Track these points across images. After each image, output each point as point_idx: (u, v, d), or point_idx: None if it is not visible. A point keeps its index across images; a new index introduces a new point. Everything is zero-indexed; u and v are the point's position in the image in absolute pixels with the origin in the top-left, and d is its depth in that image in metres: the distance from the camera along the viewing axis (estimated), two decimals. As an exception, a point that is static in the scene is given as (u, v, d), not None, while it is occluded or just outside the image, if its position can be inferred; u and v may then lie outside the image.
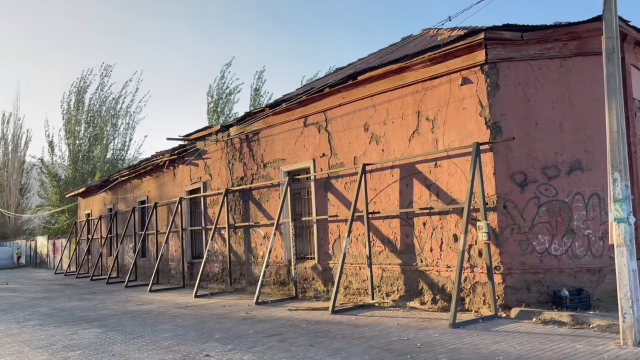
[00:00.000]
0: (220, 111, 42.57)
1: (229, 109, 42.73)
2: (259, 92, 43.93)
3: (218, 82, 42.54)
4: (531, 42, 8.70)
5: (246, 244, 14.17)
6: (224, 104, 42.72)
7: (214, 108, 42.56)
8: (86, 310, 12.38)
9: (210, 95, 42.77)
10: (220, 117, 42.53)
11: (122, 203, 22.57)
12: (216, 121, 42.41)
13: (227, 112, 42.63)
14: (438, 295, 9.40)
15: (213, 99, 42.59)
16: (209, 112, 42.86)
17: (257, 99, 44.00)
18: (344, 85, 11.18)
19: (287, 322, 9.00)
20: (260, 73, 48.36)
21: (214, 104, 42.52)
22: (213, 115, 42.57)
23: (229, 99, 42.68)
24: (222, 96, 42.43)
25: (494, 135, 8.70)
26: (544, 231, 8.52)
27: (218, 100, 42.45)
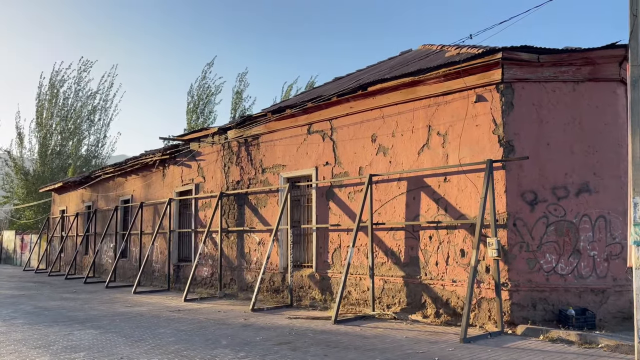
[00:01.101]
0: (200, 112, 42.00)
1: (209, 110, 42.20)
2: (240, 95, 43.59)
3: (199, 82, 41.97)
4: (546, 64, 8.90)
5: (239, 248, 13.98)
6: (204, 105, 42.16)
7: (194, 108, 41.96)
8: (73, 310, 11.96)
9: (191, 95, 42.16)
10: (200, 117, 41.98)
11: (103, 201, 22.00)
12: (195, 122, 41.85)
13: (207, 113, 42.09)
14: (442, 309, 9.44)
15: (193, 99, 41.97)
16: (189, 113, 42.22)
17: (239, 102, 43.66)
18: (353, 95, 11.20)
19: (291, 331, 8.88)
20: (242, 75, 47.66)
21: (193, 104, 41.91)
22: (192, 116, 41.97)
23: (210, 99, 42.15)
24: (203, 97, 41.86)
25: (507, 154, 8.83)
26: (552, 250, 8.67)
27: (198, 101, 41.84)
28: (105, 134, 43.99)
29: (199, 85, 41.92)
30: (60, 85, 41.33)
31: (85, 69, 42.10)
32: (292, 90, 45.45)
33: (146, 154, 18.29)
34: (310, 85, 45.93)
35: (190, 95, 41.96)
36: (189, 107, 41.93)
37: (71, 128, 41.68)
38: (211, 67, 47.48)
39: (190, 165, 16.14)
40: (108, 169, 20.56)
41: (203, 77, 42.16)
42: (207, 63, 47.23)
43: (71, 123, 41.61)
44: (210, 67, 45.86)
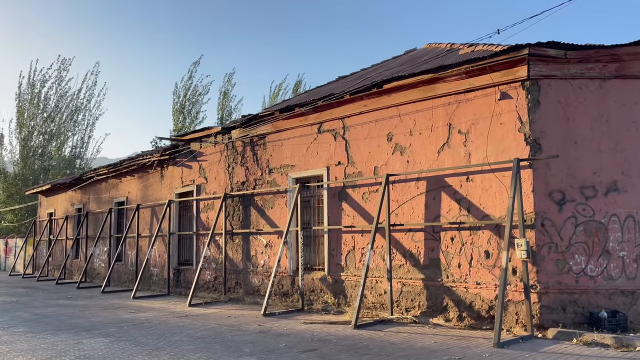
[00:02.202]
0: (187, 112, 41.26)
1: (197, 111, 41.46)
2: (227, 95, 42.96)
3: (185, 82, 41.13)
4: (573, 61, 8.70)
5: (244, 251, 13.56)
6: (191, 105, 41.40)
7: (180, 109, 41.18)
8: (73, 317, 11.43)
9: (177, 95, 41.33)
10: (187, 118, 41.26)
11: (95, 203, 21.36)
12: (182, 123, 41.10)
13: (194, 114, 41.35)
14: (465, 312, 9.17)
15: (180, 99, 41.14)
16: (175, 113, 41.43)
17: (226, 102, 43.02)
18: (367, 93, 10.89)
19: (313, 337, 8.53)
20: (229, 75, 46.57)
21: (180, 105, 41.09)
22: (179, 117, 41.22)
23: (197, 99, 41.40)
24: (190, 97, 41.08)
25: (534, 152, 8.60)
26: (581, 251, 8.45)
27: (185, 101, 41.05)
28: (90, 135, 43.11)
29: (185, 84, 41.15)
30: (42, 85, 40.27)
31: (64, 67, 41.05)
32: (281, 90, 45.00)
33: (143, 154, 17.75)
34: (298, 84, 45.51)
35: (177, 95, 41.10)
36: (175, 107, 41.10)
37: (54, 129, 40.69)
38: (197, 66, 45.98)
39: (191, 166, 15.68)
40: (101, 170, 19.94)
41: (189, 76, 41.38)
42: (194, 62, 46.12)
43: (54, 124, 40.60)
44: (197, 67, 44.76)
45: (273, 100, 44.43)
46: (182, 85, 41.05)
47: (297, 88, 45.02)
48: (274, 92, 45.29)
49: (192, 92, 41.10)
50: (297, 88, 45.02)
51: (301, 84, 45.40)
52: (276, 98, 44.65)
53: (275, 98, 44.75)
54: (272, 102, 44.00)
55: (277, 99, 44.26)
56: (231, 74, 45.86)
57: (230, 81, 43.48)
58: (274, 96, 45.12)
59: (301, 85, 45.38)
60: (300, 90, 44.30)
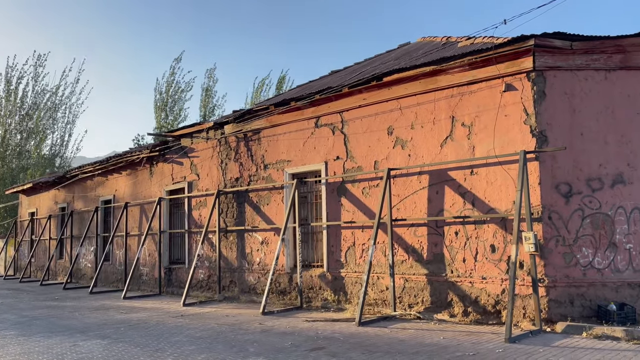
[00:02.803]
0: (169, 110, 40.59)
1: (180, 108, 40.78)
2: (210, 91, 42.30)
3: (167, 78, 40.37)
4: (578, 52, 8.61)
5: (239, 249, 13.27)
6: (173, 102, 40.69)
7: (162, 106, 40.47)
8: (64, 318, 11.03)
9: (159, 92, 40.56)
10: (169, 115, 40.58)
11: (81, 202, 20.81)
12: (165, 120, 40.38)
13: (177, 111, 40.68)
14: (470, 307, 9.04)
15: (161, 95, 40.38)
16: (157, 110, 40.70)
17: (208, 99, 42.37)
18: (366, 86, 10.69)
19: (318, 335, 8.31)
20: (211, 71, 45.57)
21: (162, 102, 40.35)
22: (161, 114, 40.53)
23: (180, 96, 40.69)
24: (172, 93, 40.35)
25: (540, 144, 8.50)
26: (588, 244, 8.38)
27: (167, 98, 40.33)
28: (70, 132, 42.12)
29: (167, 81, 40.40)
30: (19, 82, 39.05)
31: (40, 63, 39.88)
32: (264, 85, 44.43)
33: (131, 151, 17.32)
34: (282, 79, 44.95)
35: (158, 92, 40.29)
36: (157, 104, 40.34)
37: (32, 127, 39.64)
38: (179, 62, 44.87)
39: (182, 162, 15.31)
40: (87, 167, 19.41)
41: (171, 72, 40.57)
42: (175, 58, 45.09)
43: (32, 122, 39.55)
44: (179, 63, 43.79)
45: (256, 96, 43.92)
46: (164, 82, 40.32)
47: (281, 84, 44.53)
48: (256, 87, 44.65)
49: (174, 89, 40.41)
50: (281, 84, 44.53)
51: (285, 79, 44.92)
52: (259, 94, 44.14)
53: (258, 94, 44.22)
54: (255, 98, 43.48)
55: (260, 95, 43.78)
56: (212, 69, 45.07)
57: (212, 77, 42.76)
58: (256, 92, 44.58)
59: (285, 80, 44.89)
60: (285, 85, 43.92)
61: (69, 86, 41.25)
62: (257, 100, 42.64)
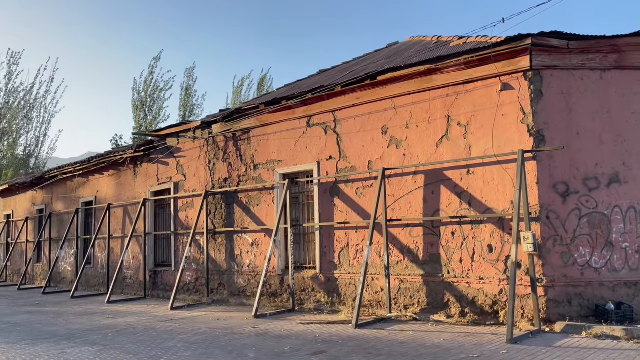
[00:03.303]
0: (148, 109, 39.91)
1: (159, 107, 40.12)
2: (189, 91, 41.73)
3: (146, 78, 39.66)
4: (575, 51, 8.61)
5: (228, 251, 13.01)
6: (152, 102, 40.01)
7: (141, 106, 39.78)
8: (48, 324, 10.64)
9: (137, 92, 39.83)
10: (148, 115, 39.93)
11: (60, 203, 20.23)
12: (144, 120, 39.70)
13: (156, 110, 40.01)
14: (467, 308, 8.97)
15: (140, 95, 39.67)
16: (135, 110, 39.98)
17: (188, 98, 41.80)
18: (359, 84, 10.56)
19: (316, 338, 8.13)
20: (190, 70, 44.81)
21: (141, 102, 39.64)
22: (140, 114, 39.85)
23: (159, 95, 40.01)
24: (150, 93, 39.65)
25: (537, 144, 8.47)
26: (585, 243, 8.38)
27: (146, 97, 39.63)
28: (45, 132, 41.04)
29: (146, 80, 39.70)
30: None
31: (14, 61, 38.74)
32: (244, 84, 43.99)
33: (114, 151, 16.89)
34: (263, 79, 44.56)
35: (137, 92, 39.55)
36: (136, 104, 39.59)
37: (5, 126, 38.51)
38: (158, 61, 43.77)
39: (168, 162, 14.97)
40: (67, 168, 18.87)
41: (150, 72, 39.87)
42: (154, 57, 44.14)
43: (5, 121, 38.42)
44: (158, 62, 42.95)
45: (236, 95, 43.52)
46: (142, 81, 39.59)
47: (262, 83, 44.18)
48: (237, 86, 44.16)
49: (152, 88, 39.74)
50: (262, 83, 44.18)
51: (266, 78, 44.55)
52: (239, 93, 43.76)
53: (238, 93, 43.84)
54: (235, 97, 43.10)
55: (240, 95, 43.41)
56: (191, 68, 44.12)
57: (192, 76, 42.13)
58: (237, 91, 44.13)
59: (266, 80, 44.54)
60: (266, 85, 43.64)
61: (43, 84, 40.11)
62: (238, 99, 42.28)
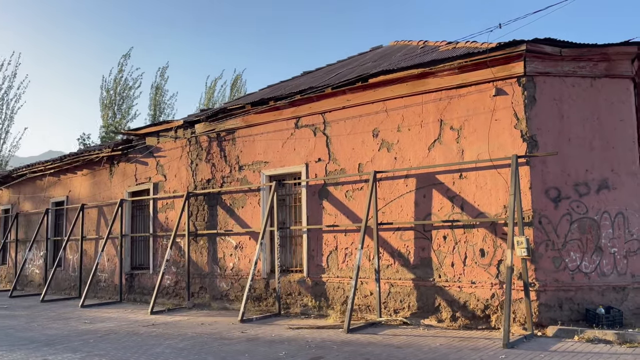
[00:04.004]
0: (117, 108, 38.97)
1: (128, 106, 39.23)
2: (160, 90, 40.96)
3: (116, 76, 38.68)
4: (567, 58, 8.74)
5: (210, 254, 12.70)
6: (122, 100, 39.08)
7: (110, 104, 38.80)
8: (22, 330, 10.14)
9: (106, 90, 38.81)
10: (117, 114, 39.00)
11: (29, 203, 19.45)
12: (112, 119, 38.77)
13: (125, 109, 39.10)
14: (458, 312, 8.96)
15: (109, 93, 38.68)
16: (104, 108, 38.99)
17: (159, 97, 41.03)
18: (350, 87, 10.48)
19: (309, 343, 7.97)
20: (163, 69, 43.82)
21: (110, 100, 38.65)
22: (108, 112, 38.88)
23: (129, 94, 39.10)
24: (120, 91, 38.72)
25: (530, 149, 8.55)
26: (576, 248, 8.48)
27: (115, 95, 38.68)
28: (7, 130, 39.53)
29: (115, 78, 38.74)
30: None
31: None
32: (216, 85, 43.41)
33: (89, 149, 16.34)
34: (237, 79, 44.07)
35: (105, 90, 38.53)
36: (104, 102, 38.60)
37: None
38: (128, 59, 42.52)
39: (147, 162, 14.55)
40: (37, 166, 18.16)
41: (120, 69, 38.91)
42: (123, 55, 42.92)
43: None
44: (127, 60, 41.88)
45: (208, 96, 42.97)
46: (112, 79, 38.61)
47: (236, 83, 43.74)
48: (209, 87, 43.54)
49: (122, 87, 38.82)
50: (236, 83, 43.74)
51: (240, 79, 44.10)
52: (212, 94, 43.23)
53: (211, 94, 43.30)
54: (208, 98, 42.53)
55: (213, 95, 42.90)
56: (164, 67, 43.33)
57: (164, 75, 41.38)
58: (209, 92, 43.56)
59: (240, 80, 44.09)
60: (240, 86, 43.26)
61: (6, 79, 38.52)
62: (211, 100, 41.78)
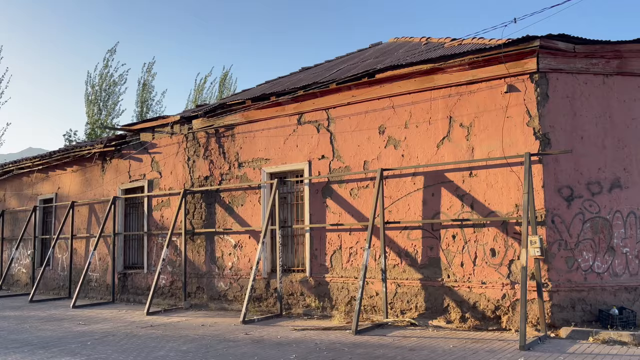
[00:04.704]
0: (103, 104, 38.27)
1: (114, 102, 38.55)
2: (147, 86, 40.34)
3: (100, 71, 37.93)
4: (580, 55, 8.60)
5: (208, 253, 12.37)
6: (107, 96, 38.38)
7: (95, 100, 38.08)
8: (13, 331, 9.72)
9: (91, 85, 38.06)
10: (102, 111, 38.33)
11: (15, 200, 18.88)
12: (98, 115, 38.11)
13: (110, 105, 38.41)
14: (468, 313, 8.79)
15: (94, 89, 37.92)
16: (89, 104, 38.26)
17: (146, 94, 40.44)
18: (355, 82, 10.25)
19: (317, 346, 7.71)
20: (149, 65, 43.04)
21: (95, 96, 37.92)
22: (93, 109, 38.18)
23: (114, 90, 38.40)
24: (105, 87, 38.02)
25: (543, 147, 8.39)
26: (588, 248, 8.35)
27: (101, 91, 37.97)
28: None
29: (100, 74, 38.03)
30: None
31: None
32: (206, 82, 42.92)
33: (80, 145, 15.87)
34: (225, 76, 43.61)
35: (90, 85, 37.81)
36: (89, 98, 37.88)
37: None
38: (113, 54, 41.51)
39: (141, 158, 14.15)
40: (25, 162, 17.62)
41: (105, 65, 38.17)
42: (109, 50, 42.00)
43: None
44: (113, 55, 41.05)
45: (198, 94, 42.42)
46: (97, 75, 37.89)
47: (224, 81, 43.25)
48: (199, 84, 43.00)
49: (107, 82, 38.11)
50: (224, 81, 43.25)
51: (228, 76, 43.62)
52: (201, 92, 42.70)
53: (200, 92, 42.76)
54: (197, 96, 41.99)
55: (202, 93, 42.39)
56: (151, 63, 42.56)
57: (150, 71, 40.71)
58: (198, 89, 43.03)
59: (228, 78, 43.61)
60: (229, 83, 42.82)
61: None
62: (200, 98, 41.29)
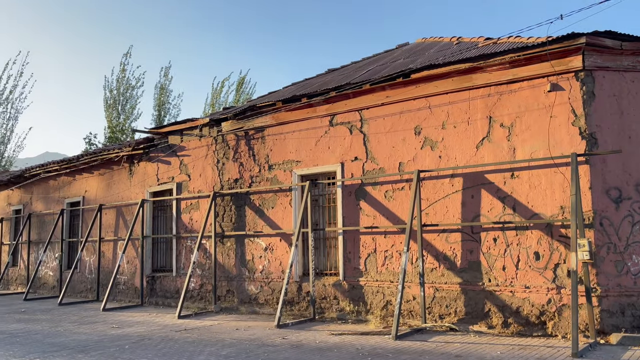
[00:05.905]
0: (121, 108, 38.57)
1: (132, 106, 38.82)
2: (164, 90, 40.58)
3: (118, 75, 38.24)
4: (627, 52, 8.34)
5: (238, 256, 12.27)
6: (125, 100, 38.67)
7: (114, 104, 38.39)
8: (49, 335, 9.70)
9: (109, 90, 38.41)
10: (121, 115, 38.63)
11: (41, 203, 19.01)
12: (117, 119, 38.43)
13: (128, 109, 38.69)
14: (511, 318, 8.54)
15: (112, 93, 38.27)
16: (108, 109, 38.59)
17: (164, 97, 40.67)
18: (390, 83, 10.07)
19: (360, 351, 7.54)
20: (166, 69, 43.33)
21: (113, 100, 38.22)
22: (112, 113, 38.49)
23: (132, 94, 38.67)
24: (123, 91, 38.31)
25: (590, 147, 8.13)
26: (638, 251, 8.07)
27: (119, 95, 38.26)
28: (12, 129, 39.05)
29: (118, 78, 38.33)
30: None
31: None
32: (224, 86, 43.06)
33: (107, 148, 15.90)
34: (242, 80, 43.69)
35: (109, 90, 38.19)
36: (108, 103, 38.20)
37: None
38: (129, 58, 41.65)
39: (170, 161, 14.12)
40: (51, 166, 17.72)
41: (122, 69, 38.50)
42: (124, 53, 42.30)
43: None
44: (129, 58, 41.34)
45: (216, 97, 42.60)
46: (114, 79, 38.18)
47: (241, 85, 43.33)
48: (216, 88, 43.17)
49: (125, 86, 38.40)
50: (241, 85, 43.33)
51: (245, 80, 43.70)
52: (219, 96, 42.86)
53: (217, 95, 42.93)
54: (215, 99, 42.18)
55: (220, 97, 42.53)
56: (167, 67, 42.89)
57: (167, 75, 40.98)
58: (216, 93, 43.18)
59: (245, 82, 43.68)
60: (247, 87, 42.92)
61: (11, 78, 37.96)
62: (217, 101, 41.43)
